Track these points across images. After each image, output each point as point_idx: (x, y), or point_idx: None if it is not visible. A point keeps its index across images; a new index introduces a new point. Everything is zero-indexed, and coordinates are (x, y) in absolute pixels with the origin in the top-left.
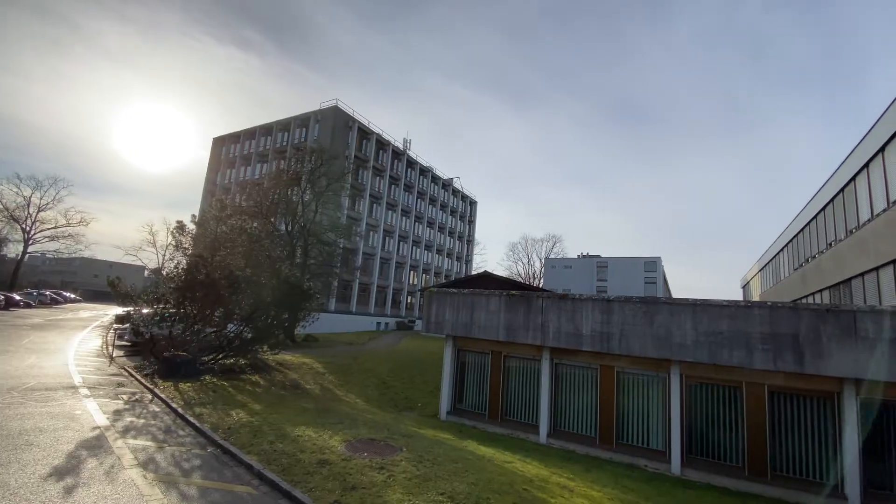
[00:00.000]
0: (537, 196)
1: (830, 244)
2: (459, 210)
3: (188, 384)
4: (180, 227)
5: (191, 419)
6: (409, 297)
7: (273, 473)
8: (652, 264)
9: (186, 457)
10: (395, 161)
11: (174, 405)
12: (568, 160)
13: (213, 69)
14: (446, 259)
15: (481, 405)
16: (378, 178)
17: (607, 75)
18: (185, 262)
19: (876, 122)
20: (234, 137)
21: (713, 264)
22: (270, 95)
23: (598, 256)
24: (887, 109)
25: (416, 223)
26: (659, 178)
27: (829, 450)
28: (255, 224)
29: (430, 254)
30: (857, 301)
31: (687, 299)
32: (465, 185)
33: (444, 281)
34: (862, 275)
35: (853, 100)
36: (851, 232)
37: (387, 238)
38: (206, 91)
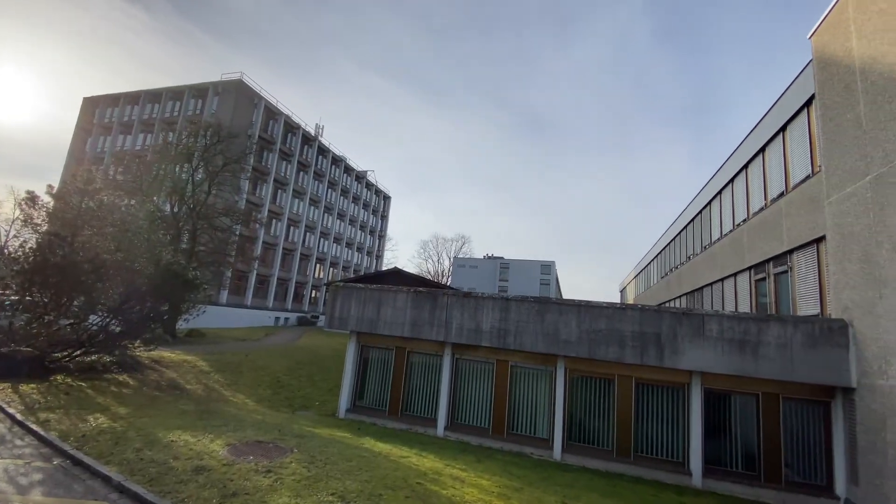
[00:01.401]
0: (449, 195)
1: (689, 257)
2: (372, 204)
3: (32, 385)
4: (31, 198)
5: (32, 426)
6: (314, 292)
7: (137, 484)
8: (547, 267)
9: (24, 471)
10: (306, 147)
11: (11, 410)
12: (478, 163)
13: (87, 17)
14: (356, 253)
15: (382, 401)
16: (285, 162)
17: (515, 87)
18: (35, 240)
19: (727, 159)
20: (112, 100)
21: (598, 268)
22: (159, 58)
23: (502, 258)
24: (736, 149)
25: (326, 214)
26: (555, 187)
27: (680, 433)
28: (132, 202)
29: (339, 247)
30: (707, 306)
31: (573, 300)
32: (379, 179)
33: (352, 275)
34: (711, 284)
35: (713, 136)
36: (705, 248)
37: (292, 228)
38: (76, 42)
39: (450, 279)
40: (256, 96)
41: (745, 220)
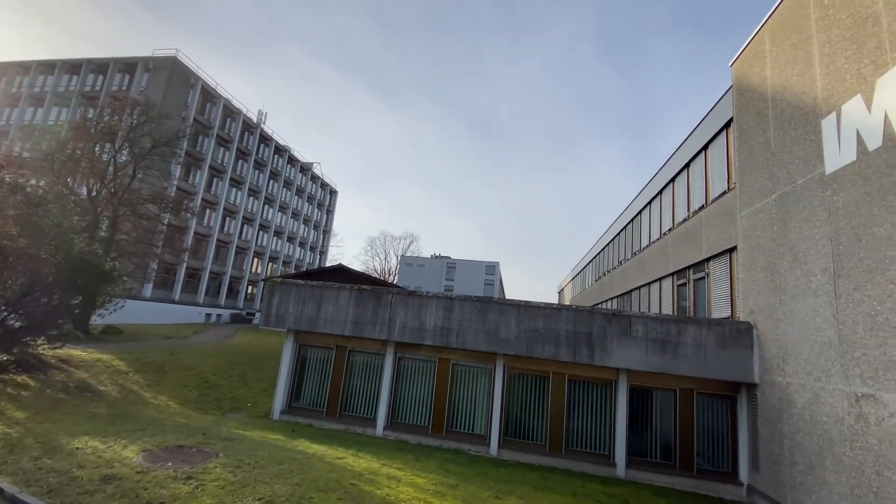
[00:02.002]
0: (398, 193)
1: (621, 262)
2: (318, 197)
3: None
4: None
5: None
6: (251, 287)
7: (34, 496)
8: (491, 268)
9: None
10: (247, 134)
11: None
12: (429, 164)
13: None
14: (299, 248)
15: (320, 402)
16: (223, 149)
17: (467, 91)
18: None
19: (657, 173)
20: (22, 68)
21: (539, 270)
22: (80, 25)
23: (449, 258)
24: (665, 164)
25: (267, 206)
26: (501, 190)
27: (607, 427)
28: (40, 182)
29: (280, 241)
30: (635, 307)
31: (514, 300)
32: (325, 172)
33: (293, 271)
34: (639, 287)
35: (648, 149)
36: (635, 254)
37: (228, 218)
38: None
39: (397, 277)
40: (193, 76)
41: (670, 230)
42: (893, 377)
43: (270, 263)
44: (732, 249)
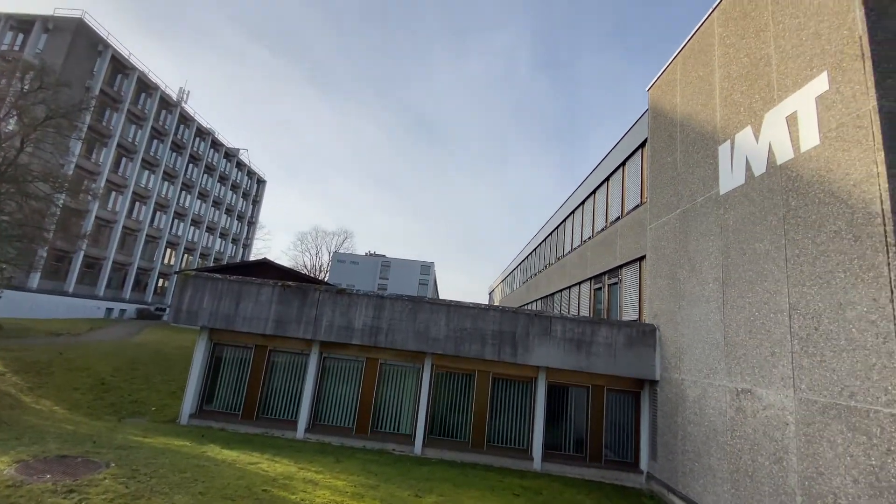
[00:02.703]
0: (333, 187)
1: (546, 266)
2: (244, 186)
3: None
4: None
5: None
6: (162, 281)
7: None
8: (426, 268)
9: None
10: (165, 112)
11: None
12: (366, 159)
13: None
14: (220, 240)
15: (236, 404)
16: (135, 127)
17: (408, 88)
18: None
19: (581, 184)
20: None
21: (473, 270)
22: None
23: (384, 256)
24: (588, 176)
25: (184, 192)
26: (439, 190)
27: (527, 423)
28: None
29: (198, 231)
30: (557, 309)
31: (444, 300)
32: (255, 160)
33: (213, 264)
34: (561, 290)
35: (577, 159)
36: (559, 259)
37: (138, 204)
38: None
39: (328, 275)
40: (102, 42)
41: (590, 238)
42: (766, 374)
43: (186, 255)
44: (642, 258)
